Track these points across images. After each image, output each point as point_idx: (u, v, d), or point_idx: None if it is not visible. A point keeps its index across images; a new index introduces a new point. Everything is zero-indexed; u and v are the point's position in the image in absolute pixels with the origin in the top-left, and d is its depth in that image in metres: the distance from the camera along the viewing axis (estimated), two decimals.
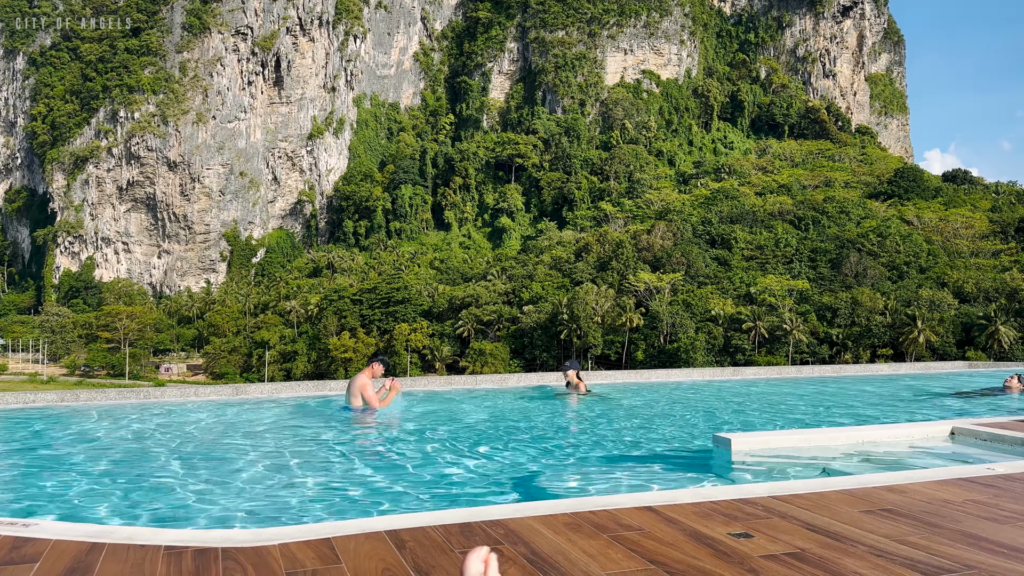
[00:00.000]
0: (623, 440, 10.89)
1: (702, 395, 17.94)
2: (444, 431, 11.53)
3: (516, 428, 11.88)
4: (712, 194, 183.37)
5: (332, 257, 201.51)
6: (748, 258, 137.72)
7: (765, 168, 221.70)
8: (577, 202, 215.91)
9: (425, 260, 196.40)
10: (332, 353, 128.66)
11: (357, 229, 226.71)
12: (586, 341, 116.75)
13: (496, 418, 13.24)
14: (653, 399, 16.85)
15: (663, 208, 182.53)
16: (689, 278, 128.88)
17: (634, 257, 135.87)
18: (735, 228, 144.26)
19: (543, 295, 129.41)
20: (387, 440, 11.11)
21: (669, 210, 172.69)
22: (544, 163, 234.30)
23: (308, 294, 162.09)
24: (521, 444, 10.33)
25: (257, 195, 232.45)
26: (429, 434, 11.21)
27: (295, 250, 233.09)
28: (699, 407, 15.51)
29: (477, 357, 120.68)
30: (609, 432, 11.56)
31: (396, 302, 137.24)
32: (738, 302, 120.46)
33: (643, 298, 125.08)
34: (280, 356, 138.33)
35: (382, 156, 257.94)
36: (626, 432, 11.62)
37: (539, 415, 13.68)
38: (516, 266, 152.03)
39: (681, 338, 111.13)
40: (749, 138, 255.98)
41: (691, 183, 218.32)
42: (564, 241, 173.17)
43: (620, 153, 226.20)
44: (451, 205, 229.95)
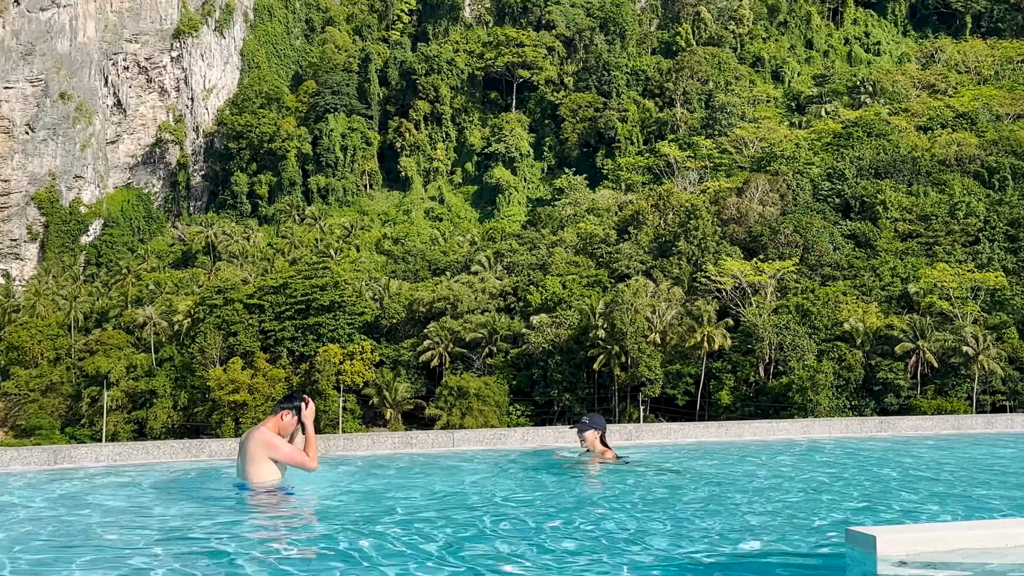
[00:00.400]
0: (689, 538, 10.93)
1: (828, 463, 17.96)
2: (394, 527, 11.59)
3: (505, 520, 11.94)
4: (846, 129, 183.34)
5: (213, 235, 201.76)
6: (905, 236, 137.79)
7: (933, 86, 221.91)
8: (621, 143, 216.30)
9: (369, 239, 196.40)
10: (214, 394, 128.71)
11: (255, 188, 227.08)
12: (636, 374, 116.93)
13: (474, 505, 13.30)
14: (745, 470, 16.88)
15: (764, 153, 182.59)
16: (807, 269, 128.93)
17: (715, 234, 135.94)
18: (883, 186, 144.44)
19: (564, 297, 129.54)
20: (303, 540, 11.14)
21: (774, 156, 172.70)
22: (566, 78, 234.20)
23: (174, 296, 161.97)
24: (517, 549, 10.38)
25: (88, 133, 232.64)
26: (369, 531, 11.26)
27: (152, 223, 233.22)
28: (823, 483, 15.56)
29: (455, 401, 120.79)
30: (662, 526, 11.62)
31: (320, 309, 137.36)
32: (888, 308, 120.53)
33: (730, 302, 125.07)
34: (128, 399, 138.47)
35: (296, 67, 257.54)
36: (694, 527, 11.67)
37: (541, 498, 13.74)
38: (519, 249, 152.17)
39: (794, 368, 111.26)
40: (906, 36, 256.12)
41: (810, 111, 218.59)
42: (599, 207, 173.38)
43: (692, 61, 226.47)
44: (411, 148, 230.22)
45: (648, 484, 15.00)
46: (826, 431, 22.23)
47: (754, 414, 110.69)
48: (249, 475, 13.05)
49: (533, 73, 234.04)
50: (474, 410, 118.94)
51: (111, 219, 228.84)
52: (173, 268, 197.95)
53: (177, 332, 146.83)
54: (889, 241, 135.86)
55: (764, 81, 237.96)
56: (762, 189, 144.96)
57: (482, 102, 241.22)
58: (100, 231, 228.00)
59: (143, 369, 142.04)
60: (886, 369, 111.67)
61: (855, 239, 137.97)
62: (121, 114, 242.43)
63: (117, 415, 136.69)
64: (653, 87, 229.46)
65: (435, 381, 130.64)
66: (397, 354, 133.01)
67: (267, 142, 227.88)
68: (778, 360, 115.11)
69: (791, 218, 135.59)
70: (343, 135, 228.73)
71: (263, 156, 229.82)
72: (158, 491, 14.15)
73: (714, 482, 15.50)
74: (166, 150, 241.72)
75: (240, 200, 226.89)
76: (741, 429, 21.69)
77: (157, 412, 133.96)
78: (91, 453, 17.22)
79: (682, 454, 18.78)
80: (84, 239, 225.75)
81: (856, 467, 17.44)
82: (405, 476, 15.81)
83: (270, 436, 13.10)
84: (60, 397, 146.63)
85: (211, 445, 17.83)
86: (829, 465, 17.74)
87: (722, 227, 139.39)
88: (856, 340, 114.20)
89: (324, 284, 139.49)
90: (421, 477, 15.69)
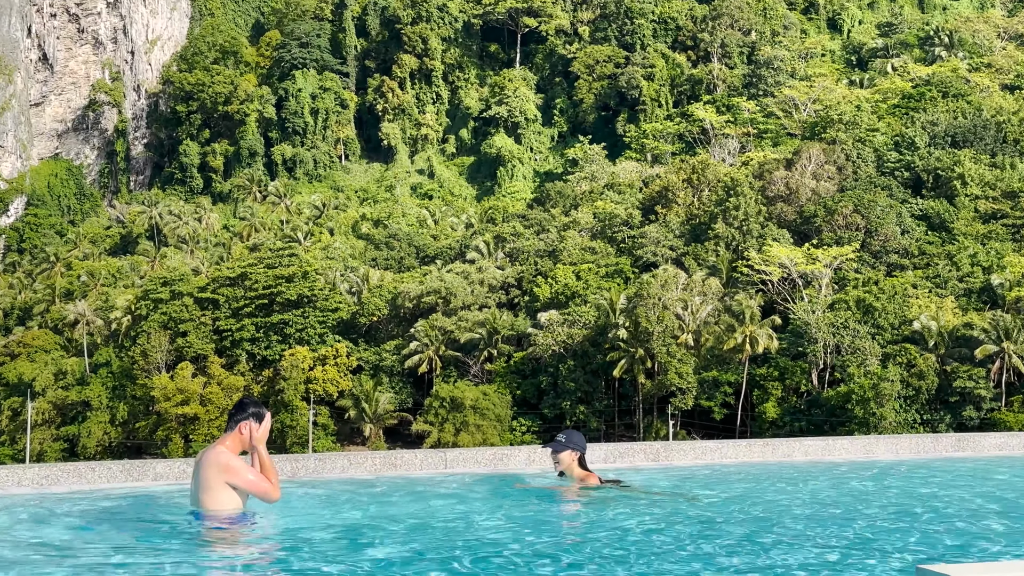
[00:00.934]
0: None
1: (894, 487, 17.94)
2: (366, 564, 11.64)
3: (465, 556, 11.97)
4: (916, 89, 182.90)
5: (158, 215, 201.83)
6: (987, 217, 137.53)
7: (1023, 36, 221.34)
8: (646, 105, 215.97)
9: (344, 220, 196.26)
10: (159, 406, 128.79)
11: (208, 159, 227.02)
12: (664, 383, 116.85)
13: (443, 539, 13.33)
14: (790, 494, 16.85)
15: (818, 117, 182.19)
16: (870, 256, 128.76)
17: (760, 215, 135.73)
18: (961, 157, 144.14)
19: (578, 290, 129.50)
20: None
21: (830, 121, 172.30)
22: (580, 28, 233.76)
23: (111, 289, 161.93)
24: None
25: (8, 93, 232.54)
26: (340, 571, 11.31)
27: (85, 201, 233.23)
28: (886, 511, 15.58)
29: (447, 414, 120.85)
30: (680, 565, 11.62)
31: (286, 304, 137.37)
32: (967, 303, 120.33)
33: (777, 296, 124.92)
34: (56, 412, 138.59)
35: (257, 14, 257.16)
36: (723, 562, 11.68)
37: (516, 534, 13.65)
38: (524, 233, 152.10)
39: (853, 376, 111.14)
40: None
41: (873, 67, 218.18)
42: (620, 183, 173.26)
43: (731, 7, 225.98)
44: (395, 112, 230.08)
45: (646, 515, 14.77)
46: (892, 450, 22.22)
47: (806, 430, 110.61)
48: (204, 503, 13.04)
49: (541, 21, 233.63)
50: (470, 425, 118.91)
51: (36, 197, 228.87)
52: (110, 255, 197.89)
53: (115, 332, 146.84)
54: (968, 223, 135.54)
55: (818, 31, 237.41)
56: (816, 160, 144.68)
57: (480, 56, 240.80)
58: (22, 211, 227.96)
59: (74, 376, 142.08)
60: (964, 376, 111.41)
61: (927, 220, 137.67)
62: (47, 71, 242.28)
63: (43, 431, 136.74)
64: (685, 38, 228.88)
65: (424, 391, 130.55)
66: (378, 358, 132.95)
67: (222, 104, 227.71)
68: (834, 366, 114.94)
69: (851, 195, 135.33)
70: (313, 96, 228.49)
71: (217, 121, 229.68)
72: (93, 522, 14.14)
73: (743, 514, 15.46)
74: (101, 114, 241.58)
75: (190, 174, 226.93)
76: (791, 448, 21.68)
77: (91, 427, 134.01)
78: (12, 476, 17.21)
79: (717, 478, 18.75)
80: (3, 220, 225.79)
81: (927, 493, 17.41)
82: (386, 505, 15.81)
83: (227, 458, 13.04)
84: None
85: (156, 467, 17.83)
86: (894, 492, 17.72)
87: (768, 206, 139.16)
88: (928, 342, 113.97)
89: (291, 275, 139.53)
90: (407, 503, 15.69)
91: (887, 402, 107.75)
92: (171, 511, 14.60)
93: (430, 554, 12.12)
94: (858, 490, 17.90)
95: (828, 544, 12.86)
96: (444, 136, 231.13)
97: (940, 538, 13.44)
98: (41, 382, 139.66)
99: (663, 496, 16.29)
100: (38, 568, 11.45)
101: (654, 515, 14.86)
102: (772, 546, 12.73)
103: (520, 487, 16.91)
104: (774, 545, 12.82)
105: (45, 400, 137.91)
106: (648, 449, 21.08)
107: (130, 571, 11.25)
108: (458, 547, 12.67)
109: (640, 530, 13.75)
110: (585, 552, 12.49)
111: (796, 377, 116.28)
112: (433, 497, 16.55)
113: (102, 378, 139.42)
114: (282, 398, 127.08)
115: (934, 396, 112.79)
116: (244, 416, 13.21)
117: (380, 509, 15.45)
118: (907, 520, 14.93)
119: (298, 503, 14.92)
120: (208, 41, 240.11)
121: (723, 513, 15.29)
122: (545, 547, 12.75)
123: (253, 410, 13.25)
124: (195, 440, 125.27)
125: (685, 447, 21.67)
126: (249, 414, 13.21)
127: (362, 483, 17.74)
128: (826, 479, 18.84)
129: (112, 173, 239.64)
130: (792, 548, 12.61)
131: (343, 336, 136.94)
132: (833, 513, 15.46)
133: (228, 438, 13.15)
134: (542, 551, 12.39)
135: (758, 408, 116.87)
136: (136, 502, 15.82)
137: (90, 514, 14.69)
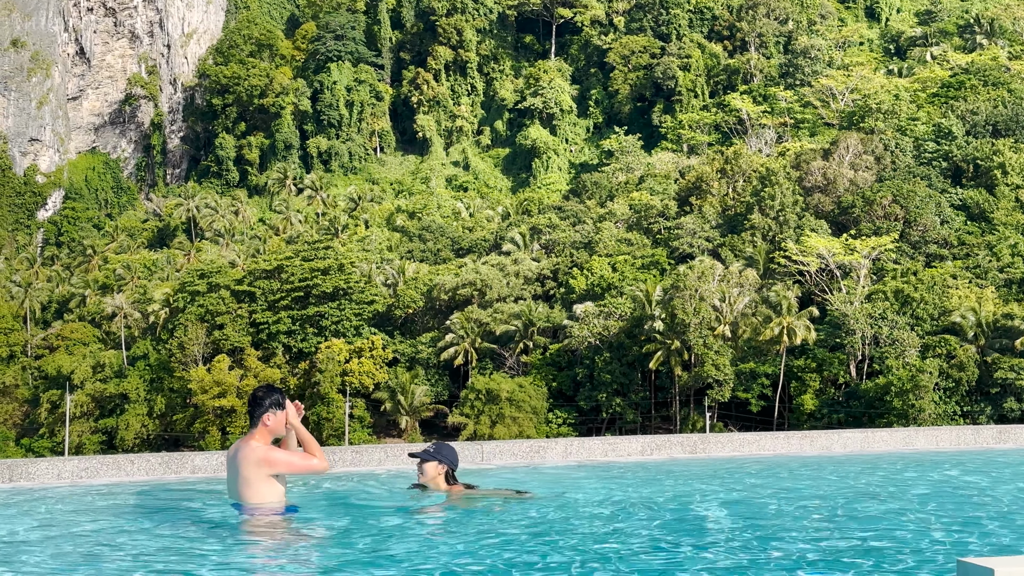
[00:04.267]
0: None
1: (934, 477, 17.87)
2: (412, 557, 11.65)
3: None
4: (956, 78, 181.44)
5: (195, 208, 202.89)
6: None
7: None
8: (682, 96, 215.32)
9: (379, 213, 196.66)
10: (196, 398, 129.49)
11: (244, 152, 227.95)
12: (701, 375, 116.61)
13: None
14: (835, 482, 16.79)
15: (856, 107, 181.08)
16: (909, 247, 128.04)
17: (797, 205, 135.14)
18: (1002, 146, 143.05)
19: (614, 282, 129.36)
20: (312, 572, 11.22)
21: (868, 110, 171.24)
22: (616, 18, 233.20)
23: (148, 282, 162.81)
24: None
25: (46, 87, 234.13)
26: (384, 562, 11.33)
27: (122, 195, 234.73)
28: (926, 504, 15.51)
29: (483, 407, 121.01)
30: None
31: (322, 297, 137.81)
32: (1008, 294, 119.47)
33: (815, 287, 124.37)
34: (94, 405, 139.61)
35: (292, 7, 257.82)
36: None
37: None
38: (560, 224, 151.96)
39: (891, 368, 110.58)
40: None
41: (912, 56, 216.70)
42: (656, 174, 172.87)
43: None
44: (430, 104, 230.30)
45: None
46: (932, 442, 22.11)
47: (844, 422, 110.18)
48: (246, 497, 13.03)
49: (576, 12, 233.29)
50: (506, 417, 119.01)
51: (73, 190, 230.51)
52: (147, 248, 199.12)
53: (152, 325, 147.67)
54: (1009, 213, 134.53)
55: (856, 19, 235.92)
56: (853, 150, 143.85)
57: (515, 48, 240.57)
58: (60, 205, 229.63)
59: (112, 369, 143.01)
60: (1005, 368, 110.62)
61: (967, 211, 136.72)
62: (84, 65, 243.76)
63: (82, 423, 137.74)
64: (721, 28, 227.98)
65: (459, 383, 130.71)
66: (414, 351, 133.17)
67: (258, 97, 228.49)
68: (873, 357, 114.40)
69: (889, 185, 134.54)
70: (348, 88, 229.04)
71: (253, 114, 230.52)
72: (132, 515, 14.23)
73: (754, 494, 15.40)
74: (138, 107, 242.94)
75: (226, 167, 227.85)
76: (829, 440, 21.63)
77: (129, 420, 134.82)
78: (52, 468, 17.35)
79: (770, 469, 18.69)
80: (41, 214, 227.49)
81: (966, 483, 17.33)
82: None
83: (264, 451, 13.02)
84: (15, 403, 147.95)
85: (194, 459, 17.94)
86: (934, 481, 17.64)
87: (805, 196, 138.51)
88: (968, 333, 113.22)
89: (326, 267, 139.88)
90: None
91: (926, 394, 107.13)
92: (210, 503, 14.67)
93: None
94: (891, 479, 17.81)
95: (866, 535, 12.81)
96: (479, 128, 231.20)
97: (981, 529, 13.36)
98: (79, 375, 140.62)
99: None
100: (79, 562, 11.54)
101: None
102: (779, 532, 12.70)
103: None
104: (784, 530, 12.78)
105: (83, 393, 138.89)
106: (685, 441, 21.08)
107: (170, 565, 11.31)
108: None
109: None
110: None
111: (834, 368, 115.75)
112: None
113: (139, 371, 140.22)
114: (318, 390, 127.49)
115: (974, 387, 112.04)
116: (263, 410, 13.16)
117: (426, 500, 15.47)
118: (946, 510, 14.86)
119: (338, 495, 14.91)
120: (243, 34, 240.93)
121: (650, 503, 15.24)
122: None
123: (269, 401, 13.18)
124: (232, 432, 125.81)
125: (723, 439, 21.65)
126: (268, 406, 13.15)
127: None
128: (863, 467, 18.75)
129: (148, 167, 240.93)
130: (830, 538, 12.57)
131: (379, 328, 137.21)
132: (868, 505, 15.41)
133: (256, 434, 13.12)
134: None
135: (796, 400, 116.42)
136: (177, 494, 15.91)
137: (131, 507, 14.79)
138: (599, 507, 15.19)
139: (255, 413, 13.14)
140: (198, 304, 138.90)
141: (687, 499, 15.93)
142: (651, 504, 15.50)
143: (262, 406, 13.14)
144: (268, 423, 13.07)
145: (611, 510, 14.94)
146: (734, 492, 16.39)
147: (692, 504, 15.48)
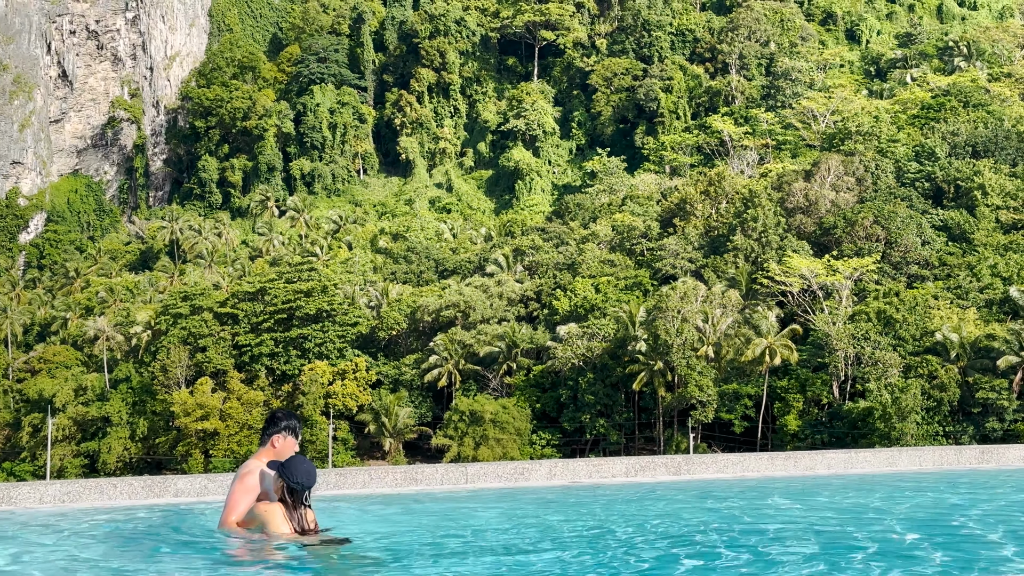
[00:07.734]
0: None
1: (912, 497, 17.89)
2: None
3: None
4: (936, 99, 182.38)
5: (178, 231, 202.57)
6: (1008, 227, 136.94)
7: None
8: (665, 117, 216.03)
9: (363, 235, 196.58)
10: (179, 421, 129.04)
11: (227, 175, 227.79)
12: (684, 395, 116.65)
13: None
14: (810, 508, 16.80)
15: (837, 128, 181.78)
16: (890, 267, 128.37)
17: (779, 226, 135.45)
18: (982, 167, 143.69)
19: (597, 303, 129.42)
20: None
21: (849, 132, 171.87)
22: (598, 40, 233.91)
23: (131, 305, 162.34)
24: None
25: (28, 110, 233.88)
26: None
27: (104, 217, 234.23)
28: (899, 523, 15.51)
29: (467, 428, 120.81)
30: None
31: (305, 319, 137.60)
32: (989, 315, 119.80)
33: (797, 308, 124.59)
34: (77, 428, 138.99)
35: (275, 29, 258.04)
36: None
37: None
38: (543, 246, 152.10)
39: (872, 389, 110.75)
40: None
41: (892, 78, 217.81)
42: (639, 195, 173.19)
43: (749, 18, 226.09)
44: (413, 126, 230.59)
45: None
46: (915, 462, 22.16)
47: (827, 443, 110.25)
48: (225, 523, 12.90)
49: (559, 34, 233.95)
50: (490, 439, 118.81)
51: (55, 213, 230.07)
52: (129, 271, 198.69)
53: (135, 348, 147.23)
54: (989, 234, 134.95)
55: (837, 42, 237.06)
56: (835, 172, 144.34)
57: (498, 70, 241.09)
58: (42, 227, 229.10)
59: (94, 392, 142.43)
60: (987, 388, 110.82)
61: (948, 231, 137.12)
62: (67, 87, 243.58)
63: (64, 447, 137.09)
64: (703, 50, 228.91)
65: (443, 404, 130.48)
66: (397, 372, 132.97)
67: (241, 120, 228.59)
68: (856, 377, 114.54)
69: (870, 206, 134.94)
70: (331, 111, 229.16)
71: (236, 136, 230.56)
72: (114, 539, 14.16)
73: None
74: (120, 130, 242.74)
75: (209, 189, 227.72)
76: (813, 461, 21.66)
77: (112, 443, 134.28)
78: (34, 493, 17.27)
79: (761, 491, 18.70)
80: (23, 237, 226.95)
81: (942, 503, 17.37)
82: (415, 515, 15.80)
83: (249, 469, 12.96)
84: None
85: (177, 483, 17.87)
86: (912, 500, 17.66)
87: (787, 217, 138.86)
88: (950, 353, 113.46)
89: (310, 289, 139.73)
90: (437, 517, 15.69)
91: (908, 416, 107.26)
92: (192, 525, 14.58)
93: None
94: (873, 501, 17.82)
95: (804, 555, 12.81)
96: (462, 150, 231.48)
97: (948, 552, 13.36)
98: (61, 398, 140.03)
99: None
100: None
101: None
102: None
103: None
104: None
105: (65, 416, 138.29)
106: (670, 463, 21.07)
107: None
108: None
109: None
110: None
111: (817, 388, 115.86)
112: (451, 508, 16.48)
113: (122, 394, 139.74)
114: (301, 413, 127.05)
115: (956, 408, 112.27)
116: (277, 430, 13.13)
117: (407, 518, 15.43)
118: (914, 536, 14.87)
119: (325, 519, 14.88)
120: (226, 57, 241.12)
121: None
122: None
123: (285, 424, 13.16)
124: (215, 455, 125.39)
125: (707, 460, 21.64)
126: (282, 428, 13.12)
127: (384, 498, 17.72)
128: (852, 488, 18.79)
129: (131, 189, 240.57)
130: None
131: (362, 350, 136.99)
132: (857, 525, 15.41)
133: (262, 453, 13.07)
134: None
135: (779, 421, 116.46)
136: (158, 518, 15.83)
137: (113, 530, 14.71)
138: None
139: (267, 430, 13.14)
140: (180, 327, 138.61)
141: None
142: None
143: (276, 426, 13.15)
144: (276, 445, 13.05)
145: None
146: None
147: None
